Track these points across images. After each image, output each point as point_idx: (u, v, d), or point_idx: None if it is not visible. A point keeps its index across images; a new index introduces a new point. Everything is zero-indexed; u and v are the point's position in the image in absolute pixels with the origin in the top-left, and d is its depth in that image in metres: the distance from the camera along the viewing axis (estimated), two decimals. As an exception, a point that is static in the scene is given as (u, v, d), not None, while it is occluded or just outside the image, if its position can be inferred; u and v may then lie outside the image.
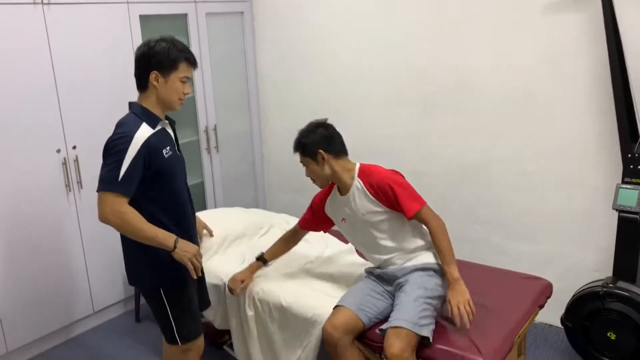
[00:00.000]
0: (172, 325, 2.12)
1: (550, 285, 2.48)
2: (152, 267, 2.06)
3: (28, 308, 2.98)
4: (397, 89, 3.45)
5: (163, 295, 2.08)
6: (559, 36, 2.79)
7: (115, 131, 2.00)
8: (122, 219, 1.92)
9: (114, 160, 1.92)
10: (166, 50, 1.99)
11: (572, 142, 2.87)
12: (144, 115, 2.02)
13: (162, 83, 2.01)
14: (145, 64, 2.01)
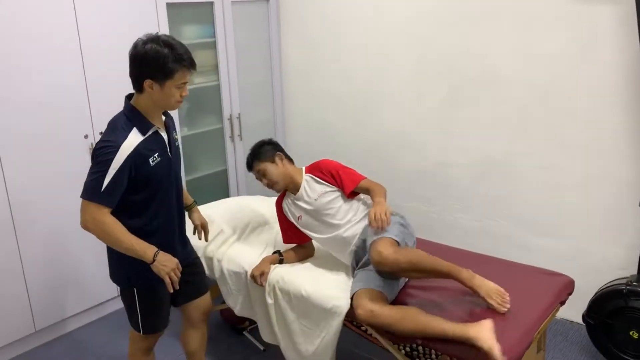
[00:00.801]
0: (138, 318, 2.18)
1: (572, 281, 2.45)
2: (128, 264, 2.05)
3: (56, 289, 3.07)
4: (421, 79, 3.42)
5: (135, 292, 2.13)
6: (588, 27, 2.74)
7: (104, 136, 1.96)
8: (102, 229, 1.92)
9: (99, 170, 1.89)
10: (162, 58, 1.88)
11: (598, 136, 2.82)
12: (136, 120, 1.97)
13: (157, 90, 1.94)
14: (138, 69, 1.93)
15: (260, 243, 2.83)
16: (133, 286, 2.12)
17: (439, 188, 3.49)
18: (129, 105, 2.00)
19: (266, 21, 4.00)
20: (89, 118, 3.06)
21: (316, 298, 2.34)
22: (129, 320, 2.25)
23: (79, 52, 2.96)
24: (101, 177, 1.88)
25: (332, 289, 2.36)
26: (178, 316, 2.66)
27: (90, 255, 3.19)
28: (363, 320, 2.14)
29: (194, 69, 1.98)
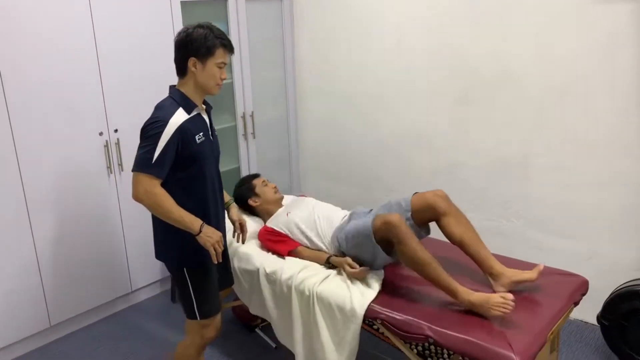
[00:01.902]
0: (193, 302, 2.21)
1: (586, 282, 2.43)
2: (178, 246, 2.15)
3: (70, 285, 3.10)
4: (436, 78, 3.40)
5: (186, 273, 2.18)
6: (606, 26, 2.71)
7: (152, 114, 2.07)
8: (153, 200, 2.02)
9: (149, 143, 2.00)
10: (203, 37, 2.05)
11: (615, 136, 2.79)
12: (181, 100, 2.10)
13: (200, 69, 2.08)
14: (184, 50, 2.08)
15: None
16: (183, 266, 2.17)
17: (452, 188, 3.44)
18: (174, 89, 2.14)
19: (280, 19, 4.00)
20: (104, 115, 3.09)
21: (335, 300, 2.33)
22: (185, 309, 2.27)
23: (94, 51, 2.99)
24: (152, 150, 1.99)
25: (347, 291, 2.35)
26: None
27: (106, 251, 3.23)
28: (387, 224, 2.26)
29: (232, 51, 2.14)
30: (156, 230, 2.23)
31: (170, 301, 3.47)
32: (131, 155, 3.16)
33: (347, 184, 4.02)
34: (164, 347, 3.02)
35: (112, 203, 3.21)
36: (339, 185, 4.09)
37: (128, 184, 3.21)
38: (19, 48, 2.72)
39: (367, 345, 2.71)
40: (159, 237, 2.23)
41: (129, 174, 3.19)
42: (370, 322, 2.29)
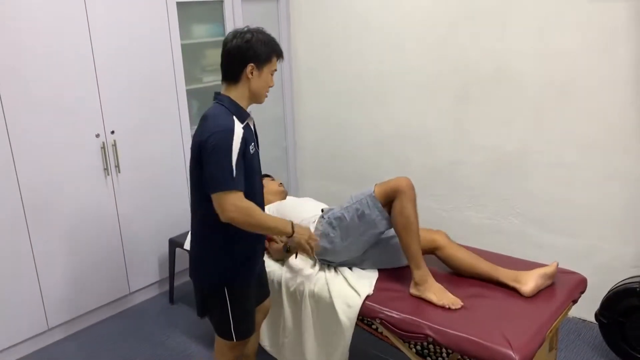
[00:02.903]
0: (230, 322, 2.10)
1: (584, 279, 2.43)
2: (222, 263, 2.05)
3: (68, 287, 3.09)
4: (434, 76, 3.40)
5: (226, 291, 2.07)
6: (605, 23, 2.71)
7: (212, 125, 1.92)
8: (247, 214, 1.92)
9: (223, 157, 1.88)
10: (263, 43, 1.98)
11: (614, 133, 2.79)
12: (234, 108, 1.99)
13: (256, 76, 2.00)
14: (242, 56, 1.97)
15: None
16: (224, 285, 2.05)
17: (451, 186, 3.47)
18: (224, 97, 2.02)
19: (276, 20, 4.00)
20: (100, 117, 3.08)
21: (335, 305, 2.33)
22: (218, 329, 2.16)
23: (90, 52, 2.98)
24: (228, 163, 1.88)
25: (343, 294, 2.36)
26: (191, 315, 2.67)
27: (103, 253, 3.22)
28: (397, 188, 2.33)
29: (282, 57, 2.09)
30: (198, 247, 2.10)
31: (168, 303, 3.47)
32: (128, 156, 3.22)
33: (345, 184, 4.01)
34: (163, 348, 3.01)
35: (109, 205, 3.20)
36: (337, 184, 4.08)
37: (125, 185, 3.25)
38: (15, 50, 2.70)
39: (365, 344, 2.72)
40: (200, 254, 2.10)
41: (126, 176, 3.23)
42: (369, 321, 2.29)
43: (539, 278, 2.26)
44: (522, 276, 2.29)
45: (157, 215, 3.45)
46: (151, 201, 3.40)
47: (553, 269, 2.31)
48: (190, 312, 3.36)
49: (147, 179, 3.36)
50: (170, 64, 3.35)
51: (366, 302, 2.28)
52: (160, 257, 3.51)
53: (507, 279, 2.30)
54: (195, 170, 1.98)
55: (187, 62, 3.47)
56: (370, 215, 2.37)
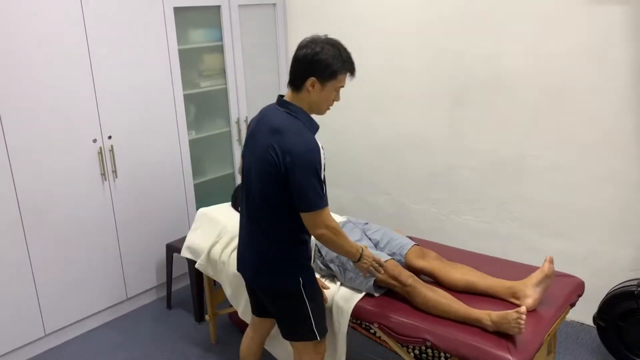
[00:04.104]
0: (311, 321, 2.08)
1: (582, 283, 2.43)
2: (294, 267, 2.05)
3: (65, 293, 3.08)
4: (431, 81, 3.41)
5: (304, 292, 2.06)
6: (600, 27, 2.72)
7: (300, 142, 1.89)
8: (336, 234, 1.96)
9: (315, 176, 1.89)
10: (331, 59, 1.92)
11: (610, 136, 2.80)
12: (308, 122, 1.98)
13: (318, 90, 1.95)
14: (307, 67, 1.93)
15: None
16: (302, 288, 2.05)
17: (448, 190, 3.47)
18: (296, 107, 1.98)
19: (273, 25, 4.01)
20: (97, 122, 3.07)
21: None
22: (298, 333, 2.13)
23: (87, 57, 2.98)
24: (319, 181, 1.90)
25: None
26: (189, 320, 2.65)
27: (101, 258, 3.21)
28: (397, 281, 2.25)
29: (354, 74, 2.02)
30: (266, 257, 2.05)
31: (166, 308, 3.46)
32: (125, 161, 3.22)
33: (344, 188, 4.01)
34: (161, 354, 3.00)
35: (106, 210, 3.19)
36: (335, 189, 4.08)
37: (122, 190, 3.24)
38: (11, 54, 2.70)
39: (363, 349, 2.71)
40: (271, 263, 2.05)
41: (123, 181, 3.23)
42: (367, 326, 2.29)
43: (536, 288, 2.16)
44: (519, 290, 2.18)
45: (155, 221, 3.44)
46: (148, 206, 3.39)
47: (547, 268, 2.17)
48: (188, 317, 3.35)
49: (145, 184, 3.35)
50: (167, 68, 3.35)
51: (364, 306, 2.28)
52: (158, 262, 3.50)
53: (506, 296, 2.22)
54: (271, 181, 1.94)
55: (185, 67, 3.48)
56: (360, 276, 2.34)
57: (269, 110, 2.06)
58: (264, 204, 2.01)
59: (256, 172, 1.99)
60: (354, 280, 2.35)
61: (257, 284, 2.14)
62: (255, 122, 2.09)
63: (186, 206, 3.60)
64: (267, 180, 1.95)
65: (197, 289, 3.20)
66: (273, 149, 1.90)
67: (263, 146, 1.94)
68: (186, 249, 2.92)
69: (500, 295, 2.24)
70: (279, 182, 1.92)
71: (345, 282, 2.38)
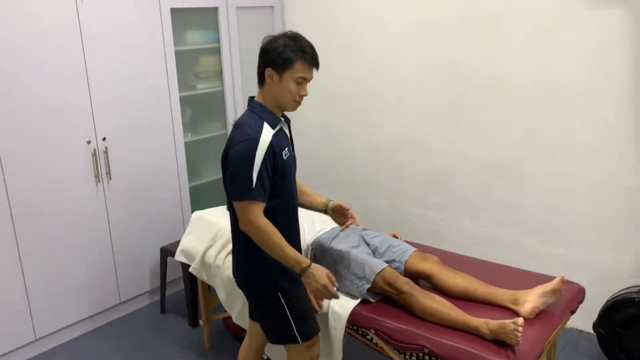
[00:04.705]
0: (292, 325, 2.03)
1: (582, 289, 2.39)
2: (268, 269, 1.99)
3: (56, 296, 3.03)
4: (428, 84, 3.38)
5: (280, 297, 2.01)
6: (598, 31, 2.70)
7: (239, 133, 1.91)
8: (262, 231, 1.89)
9: (245, 166, 1.86)
10: (282, 47, 1.90)
11: (609, 141, 2.77)
12: (265, 114, 1.95)
13: (277, 81, 1.93)
14: (261, 58, 1.95)
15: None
16: (278, 292, 2.00)
17: (447, 195, 3.44)
18: (255, 103, 1.99)
19: (271, 27, 3.98)
20: (92, 124, 3.04)
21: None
22: (281, 337, 2.09)
23: (81, 57, 2.94)
24: (249, 173, 1.85)
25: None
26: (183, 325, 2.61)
27: (94, 262, 3.16)
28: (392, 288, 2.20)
29: (315, 65, 1.98)
30: (240, 256, 2.05)
31: (160, 312, 3.41)
32: (120, 163, 3.17)
33: (341, 192, 3.97)
34: (154, 359, 2.95)
35: (100, 212, 3.15)
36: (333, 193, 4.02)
37: (117, 193, 3.20)
38: (4, 53, 2.67)
39: (359, 355, 2.67)
40: (244, 263, 2.05)
41: (117, 183, 3.18)
42: (363, 332, 2.24)
43: (538, 297, 2.12)
44: (521, 297, 2.15)
45: (149, 224, 3.40)
46: (143, 209, 3.35)
47: (556, 284, 2.13)
48: (182, 322, 3.30)
49: (139, 186, 3.31)
50: (163, 70, 3.32)
51: (360, 312, 2.24)
52: (152, 266, 3.45)
53: (506, 302, 2.18)
54: (224, 176, 1.98)
55: (181, 68, 3.44)
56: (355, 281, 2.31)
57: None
58: (228, 204, 2.03)
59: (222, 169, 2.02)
60: (348, 287, 2.31)
61: (237, 282, 2.13)
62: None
63: (181, 209, 3.56)
64: (224, 179, 1.99)
65: (191, 294, 3.16)
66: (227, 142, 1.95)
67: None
68: (180, 252, 2.88)
69: (500, 302, 2.19)
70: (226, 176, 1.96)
71: (339, 289, 2.34)
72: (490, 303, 2.21)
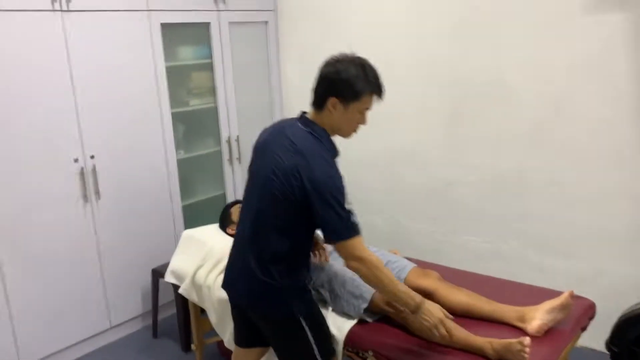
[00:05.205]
0: (313, 348, 1.94)
1: (593, 305, 2.27)
2: (285, 294, 1.90)
3: (43, 322, 2.91)
4: (426, 93, 3.30)
5: (302, 320, 1.92)
6: (600, 37, 2.62)
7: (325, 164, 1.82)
8: (375, 266, 1.79)
9: (338, 202, 1.77)
10: (354, 78, 1.81)
11: (614, 148, 2.68)
12: (329, 143, 1.89)
13: (340, 111, 1.85)
14: (327, 86, 1.84)
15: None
16: (299, 315, 1.91)
17: (446, 207, 3.33)
18: (319, 129, 1.88)
19: (265, 43, 3.92)
20: (79, 141, 2.95)
21: None
22: None
23: (68, 74, 2.87)
24: (343, 209, 1.77)
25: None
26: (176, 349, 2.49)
27: (82, 285, 3.05)
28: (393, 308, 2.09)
29: (381, 96, 1.91)
30: (256, 281, 1.90)
31: (152, 337, 3.29)
32: (108, 182, 3.08)
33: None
34: (143, 387, 2.82)
35: (88, 233, 3.04)
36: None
37: (106, 212, 3.10)
38: (-13, 71, 2.60)
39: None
40: (261, 289, 1.91)
41: (106, 203, 3.09)
42: (363, 354, 2.12)
43: (546, 314, 2.01)
44: (527, 313, 2.04)
45: (140, 244, 3.28)
46: (133, 229, 3.24)
47: (564, 299, 2.03)
48: (175, 346, 3.17)
49: (130, 205, 3.21)
50: (154, 86, 3.24)
51: (358, 333, 2.13)
52: (143, 288, 3.33)
53: (512, 320, 2.06)
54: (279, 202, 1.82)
55: (173, 84, 3.37)
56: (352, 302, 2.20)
57: (289, 126, 1.93)
58: (260, 222, 1.88)
59: (261, 186, 1.87)
60: (344, 306, 2.19)
61: (250, 309, 1.98)
62: (268, 134, 1.98)
63: (174, 229, 3.45)
64: (270, 198, 1.83)
65: (183, 317, 3.04)
66: (296, 171, 1.79)
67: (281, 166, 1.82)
68: (170, 273, 2.77)
69: (505, 319, 2.07)
70: (287, 205, 1.81)
71: (335, 308, 2.22)
72: (495, 320, 2.09)
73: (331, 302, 2.24)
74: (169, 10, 3.25)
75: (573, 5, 2.67)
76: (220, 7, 3.53)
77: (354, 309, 2.16)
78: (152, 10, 3.17)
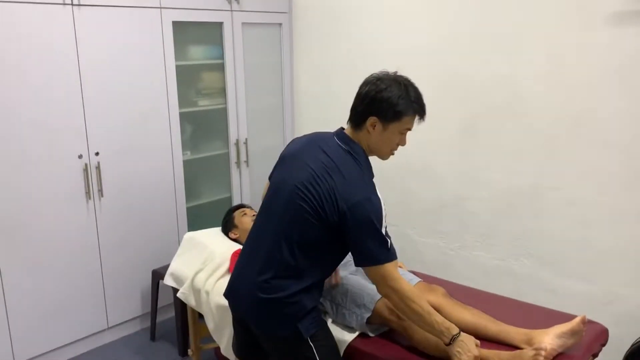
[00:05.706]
0: None
1: (605, 330, 2.17)
2: (292, 312, 1.81)
3: (38, 319, 2.86)
4: (441, 106, 3.21)
5: (310, 341, 1.83)
6: (624, 50, 2.52)
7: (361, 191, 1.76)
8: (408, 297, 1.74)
9: (379, 228, 1.74)
10: (395, 99, 1.76)
11: (633, 167, 2.57)
12: (367, 169, 1.84)
13: (379, 130, 1.80)
14: (368, 105, 1.79)
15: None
16: (306, 335, 1.82)
17: (458, 223, 3.24)
18: (358, 148, 1.83)
19: (278, 45, 3.86)
20: (84, 138, 2.90)
21: None
22: None
23: (76, 70, 2.83)
24: (379, 233, 1.74)
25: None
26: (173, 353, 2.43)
27: (81, 284, 2.99)
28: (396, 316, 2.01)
29: (423, 117, 1.86)
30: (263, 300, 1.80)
31: (149, 340, 3.23)
32: (113, 179, 3.03)
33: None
34: (137, 391, 2.76)
35: (90, 232, 2.99)
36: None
37: (108, 211, 3.05)
38: (-6, 63, 2.56)
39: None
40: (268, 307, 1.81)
41: (109, 200, 3.03)
42: (361, 370, 2.04)
43: (555, 338, 1.90)
44: (536, 337, 1.93)
45: (142, 245, 3.23)
46: (135, 229, 3.19)
47: (576, 325, 1.92)
48: (172, 350, 3.11)
49: (133, 205, 3.15)
50: (163, 84, 3.19)
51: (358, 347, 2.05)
52: (143, 289, 3.27)
53: (518, 342, 1.96)
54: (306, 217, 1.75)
55: (182, 84, 3.32)
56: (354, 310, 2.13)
57: (325, 140, 1.86)
58: (283, 234, 1.78)
59: (287, 198, 1.79)
60: (346, 317, 2.11)
61: (254, 324, 1.88)
62: (301, 145, 1.90)
63: (177, 230, 3.39)
64: (297, 211, 1.76)
65: (181, 320, 2.97)
66: (332, 190, 1.73)
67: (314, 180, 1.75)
68: (169, 275, 2.71)
69: (512, 342, 1.97)
70: (315, 221, 1.74)
71: (336, 319, 2.14)
72: (501, 342, 1.99)
73: (332, 312, 2.16)
74: (181, 8, 3.21)
75: (595, 18, 2.57)
76: (233, 7, 3.48)
77: (356, 319, 2.08)
78: (164, 8, 3.13)
